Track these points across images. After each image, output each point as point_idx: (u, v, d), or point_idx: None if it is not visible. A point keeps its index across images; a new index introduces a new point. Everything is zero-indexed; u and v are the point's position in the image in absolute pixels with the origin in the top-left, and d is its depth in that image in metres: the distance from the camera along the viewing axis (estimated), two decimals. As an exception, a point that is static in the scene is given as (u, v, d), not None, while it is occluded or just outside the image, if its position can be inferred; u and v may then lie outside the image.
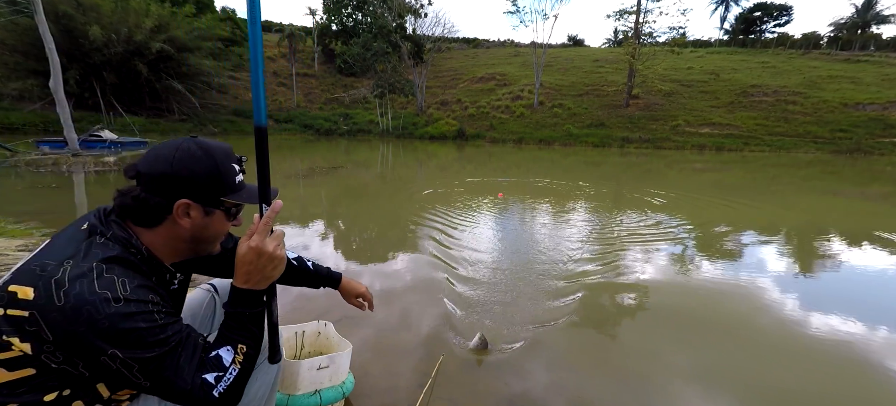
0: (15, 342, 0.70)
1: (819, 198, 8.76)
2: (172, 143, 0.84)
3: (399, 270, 3.46)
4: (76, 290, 0.70)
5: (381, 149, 19.08)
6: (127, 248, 0.80)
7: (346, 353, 1.60)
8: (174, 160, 0.82)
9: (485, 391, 1.86)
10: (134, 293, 0.74)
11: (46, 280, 0.71)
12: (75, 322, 0.69)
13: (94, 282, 0.72)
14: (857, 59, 32.80)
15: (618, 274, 3.48)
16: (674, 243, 4.56)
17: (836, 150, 21.57)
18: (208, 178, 0.84)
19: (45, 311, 0.69)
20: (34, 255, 0.78)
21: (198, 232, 0.88)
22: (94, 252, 0.76)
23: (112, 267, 0.75)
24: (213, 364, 0.79)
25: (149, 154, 0.84)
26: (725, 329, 2.61)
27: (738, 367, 2.17)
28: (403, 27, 33.37)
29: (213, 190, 0.85)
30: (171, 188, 0.82)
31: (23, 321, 0.69)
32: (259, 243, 0.83)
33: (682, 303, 3.02)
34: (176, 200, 0.82)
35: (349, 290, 1.46)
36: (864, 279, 3.69)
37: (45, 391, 0.74)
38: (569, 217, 5.87)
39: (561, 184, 9.28)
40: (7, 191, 6.71)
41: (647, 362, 2.17)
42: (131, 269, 0.79)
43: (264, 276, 0.85)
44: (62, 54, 11.88)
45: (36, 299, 0.70)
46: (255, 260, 0.83)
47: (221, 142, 0.90)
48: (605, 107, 28.19)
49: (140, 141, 15.14)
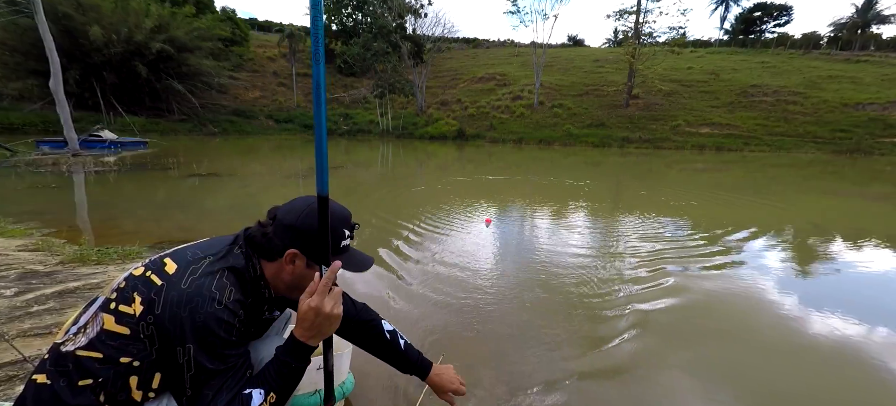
0: (137, 299, 0.84)
1: (864, 202, 8.75)
2: (307, 199, 0.96)
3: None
4: (200, 281, 0.85)
5: (381, 149, 19.08)
6: (248, 264, 0.95)
7: (346, 353, 1.60)
8: (301, 215, 0.94)
9: (486, 391, 1.86)
10: (233, 304, 0.87)
11: (187, 264, 0.88)
12: (183, 305, 0.82)
13: (214, 280, 0.87)
14: (857, 59, 32.79)
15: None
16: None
17: (837, 150, 21.56)
18: (314, 234, 0.92)
19: (172, 286, 0.84)
20: (198, 243, 0.98)
21: (296, 280, 0.97)
22: (228, 258, 0.92)
23: (231, 275, 0.90)
24: (244, 401, 0.85)
25: (290, 203, 0.98)
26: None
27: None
28: (403, 27, 33.33)
29: (322, 249, 0.92)
30: (291, 237, 0.94)
31: (153, 287, 0.84)
32: (318, 303, 0.89)
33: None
34: (289, 248, 0.94)
35: (440, 384, 1.34)
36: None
37: (124, 354, 0.83)
38: (570, 221, 5.86)
39: (566, 184, 9.28)
40: (7, 191, 6.71)
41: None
42: (241, 282, 0.92)
43: (320, 332, 0.92)
44: (62, 54, 11.89)
45: (173, 274, 0.86)
46: (314, 318, 0.89)
47: (344, 208, 1.02)
48: (605, 107, 28.18)
49: (140, 141, 15.14)
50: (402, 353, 1.33)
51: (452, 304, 2.76)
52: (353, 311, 1.31)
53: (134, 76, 21.08)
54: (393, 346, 1.32)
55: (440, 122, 27.83)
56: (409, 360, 1.34)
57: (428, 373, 1.35)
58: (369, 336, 1.32)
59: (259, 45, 36.68)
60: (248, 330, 0.97)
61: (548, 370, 2.04)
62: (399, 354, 1.33)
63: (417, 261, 3.66)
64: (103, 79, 20.64)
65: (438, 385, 1.34)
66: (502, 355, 2.16)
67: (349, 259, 0.99)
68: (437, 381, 1.34)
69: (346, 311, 1.29)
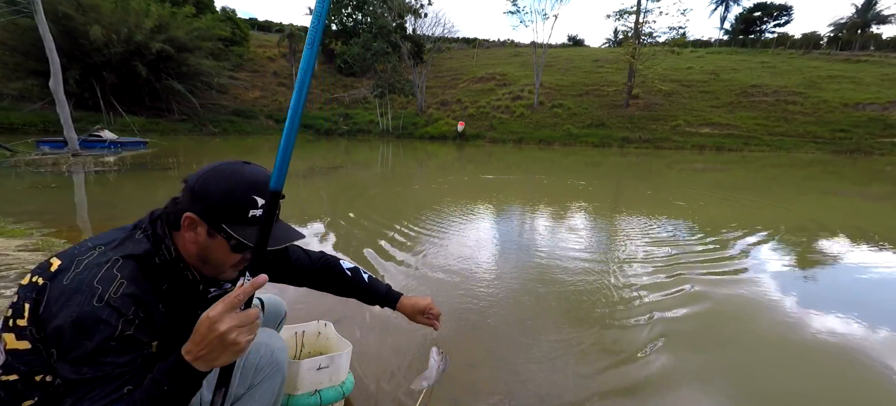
0: (26, 308, 0.75)
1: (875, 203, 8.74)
2: (223, 162, 0.86)
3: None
4: (82, 275, 0.74)
5: (381, 149, 19.08)
6: (158, 247, 0.84)
7: (346, 353, 1.60)
8: (203, 175, 0.84)
9: (485, 391, 1.86)
10: (120, 300, 0.74)
11: (73, 257, 0.77)
12: (59, 303, 0.72)
13: (100, 272, 0.75)
14: (857, 59, 32.78)
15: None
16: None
17: (837, 150, 21.56)
18: (220, 201, 0.82)
19: (54, 285, 0.74)
20: (97, 235, 0.86)
21: (202, 251, 0.86)
22: (125, 245, 0.81)
23: (128, 264, 0.78)
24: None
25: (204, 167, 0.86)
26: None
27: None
28: (403, 27, 33.34)
29: (218, 214, 0.82)
30: (189, 200, 0.84)
31: (36, 289, 0.75)
32: (216, 316, 0.68)
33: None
34: (186, 212, 0.83)
35: (411, 307, 1.35)
36: None
37: (36, 372, 0.74)
38: (574, 222, 5.86)
39: (571, 184, 9.27)
40: (7, 191, 6.70)
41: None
42: (145, 271, 0.81)
43: (210, 356, 0.69)
44: (62, 54, 11.90)
45: (56, 272, 0.76)
46: (205, 333, 0.68)
47: (264, 172, 0.85)
48: (605, 107, 28.18)
49: (140, 141, 15.15)
50: (367, 286, 1.32)
51: (455, 306, 2.76)
52: (307, 261, 1.27)
53: (134, 76, 21.08)
54: (356, 282, 1.31)
55: (440, 122, 27.84)
56: (376, 293, 1.33)
57: (396, 302, 1.34)
58: (330, 279, 1.30)
59: (259, 45, 36.67)
60: (173, 322, 0.85)
61: (565, 386, 2.04)
62: (364, 289, 1.31)
63: (410, 262, 3.65)
64: (103, 79, 20.65)
65: (411, 308, 1.35)
66: (503, 359, 2.16)
67: (254, 235, 0.75)
68: (408, 304, 1.34)
69: (301, 262, 1.25)
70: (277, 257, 1.23)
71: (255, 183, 0.84)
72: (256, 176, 0.85)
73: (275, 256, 1.22)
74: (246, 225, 0.83)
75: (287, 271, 1.25)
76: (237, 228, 0.82)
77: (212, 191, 0.82)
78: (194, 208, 0.82)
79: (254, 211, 0.83)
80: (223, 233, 0.83)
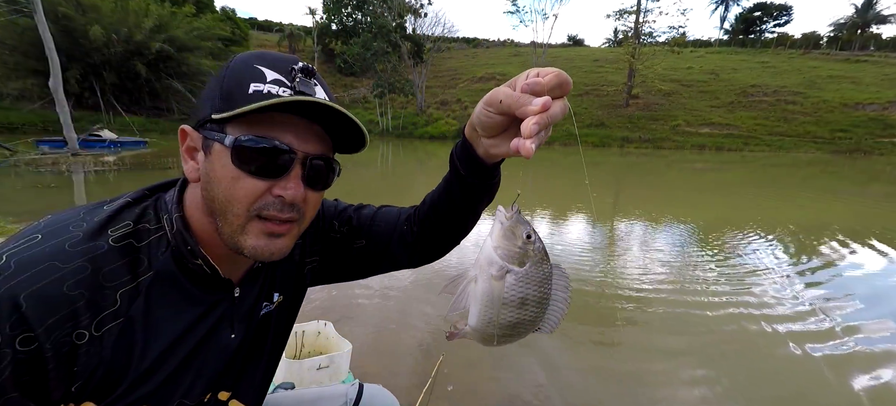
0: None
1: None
2: None
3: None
4: (8, 248, 0.45)
5: (381, 148, 19.08)
6: (139, 220, 0.53)
7: (346, 353, 1.61)
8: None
9: (485, 391, 1.86)
10: (12, 325, 0.41)
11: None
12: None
13: (35, 249, 0.45)
14: (857, 59, 32.81)
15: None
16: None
17: (836, 150, 21.57)
18: (213, 86, 0.53)
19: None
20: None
21: (206, 188, 0.53)
22: (95, 218, 0.50)
23: (42, 243, 0.46)
24: None
25: None
26: None
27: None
28: (403, 27, 33.33)
29: (209, 104, 0.52)
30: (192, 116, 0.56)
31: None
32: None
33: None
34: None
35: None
36: None
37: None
38: (564, 220, 5.85)
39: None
40: (7, 191, 6.70)
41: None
42: (90, 259, 0.47)
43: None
44: (62, 54, 11.90)
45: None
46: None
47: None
48: (605, 106, 28.19)
49: (140, 140, 15.15)
50: (452, 174, 0.66)
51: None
52: (395, 213, 0.80)
53: (134, 76, 21.10)
54: (447, 182, 0.68)
55: (440, 121, 27.85)
56: (461, 162, 0.64)
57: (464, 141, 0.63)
58: (435, 213, 0.72)
59: (259, 44, 36.67)
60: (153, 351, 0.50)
61: (566, 386, 2.04)
62: (454, 177, 0.66)
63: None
64: (103, 78, 20.65)
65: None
66: (503, 359, 2.16)
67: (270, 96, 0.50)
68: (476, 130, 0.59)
69: (389, 217, 0.79)
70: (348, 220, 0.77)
71: (263, 55, 0.54)
72: (278, 55, 0.56)
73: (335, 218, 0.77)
74: (241, 102, 0.49)
75: (371, 235, 0.76)
76: (229, 110, 0.49)
77: (211, 82, 0.55)
78: (189, 120, 0.57)
79: (257, 85, 0.51)
80: (217, 130, 0.51)
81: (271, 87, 0.51)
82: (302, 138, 0.53)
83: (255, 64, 0.52)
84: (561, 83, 0.45)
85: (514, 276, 0.51)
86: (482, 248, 0.54)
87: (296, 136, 0.53)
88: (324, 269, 0.78)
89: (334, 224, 0.77)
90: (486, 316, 0.53)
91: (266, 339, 0.67)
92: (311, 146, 0.54)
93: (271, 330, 0.68)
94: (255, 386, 0.68)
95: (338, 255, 0.77)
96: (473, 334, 0.57)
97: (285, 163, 0.52)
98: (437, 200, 0.70)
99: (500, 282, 0.51)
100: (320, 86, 0.56)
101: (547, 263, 0.53)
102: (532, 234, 0.52)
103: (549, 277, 0.54)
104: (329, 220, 0.76)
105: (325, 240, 0.76)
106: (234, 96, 0.50)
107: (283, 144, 0.51)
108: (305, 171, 0.54)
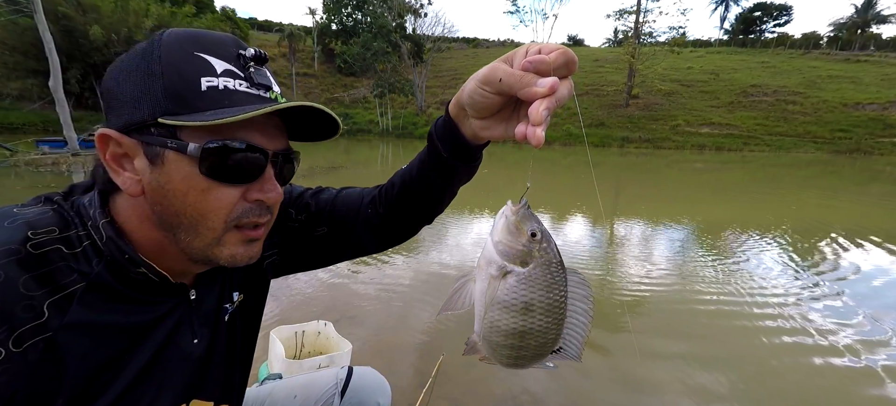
0: None
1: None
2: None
3: (403, 272, 3.45)
4: None
5: (381, 148, 19.08)
6: (66, 226, 0.46)
7: (345, 353, 1.60)
8: (111, 68, 0.48)
9: (485, 391, 1.85)
10: None
11: None
12: None
13: None
14: (857, 59, 32.84)
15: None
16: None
17: (836, 150, 21.58)
18: (143, 79, 0.44)
19: None
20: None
21: (161, 202, 0.46)
22: (10, 221, 0.44)
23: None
24: None
25: None
26: None
27: None
28: (403, 27, 33.37)
29: (149, 104, 0.44)
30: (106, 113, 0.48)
31: None
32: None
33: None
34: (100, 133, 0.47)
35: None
36: None
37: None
38: (563, 220, 5.85)
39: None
40: (7, 191, 6.70)
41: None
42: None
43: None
44: (62, 54, 11.92)
45: None
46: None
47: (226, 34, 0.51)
48: (605, 106, 28.20)
49: (140, 141, 15.16)
50: (428, 150, 0.66)
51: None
52: (357, 196, 0.79)
53: (134, 76, 21.18)
54: (419, 160, 0.67)
55: (440, 121, 27.87)
56: (437, 139, 0.65)
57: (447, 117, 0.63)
58: (402, 194, 0.70)
59: (259, 44, 36.25)
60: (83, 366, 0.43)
61: (565, 386, 2.04)
62: (428, 153, 0.66)
63: (410, 261, 3.65)
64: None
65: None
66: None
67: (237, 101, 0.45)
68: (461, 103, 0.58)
69: (350, 200, 0.77)
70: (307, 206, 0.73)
71: (198, 39, 0.47)
72: (216, 35, 0.49)
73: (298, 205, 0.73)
74: (197, 103, 0.44)
75: (332, 221, 0.73)
76: (188, 116, 0.43)
77: (129, 76, 0.45)
78: (109, 122, 0.48)
79: (209, 80, 0.45)
80: (161, 134, 0.44)
81: (226, 81, 0.45)
82: (268, 135, 0.49)
83: (195, 52, 0.45)
84: (568, 62, 0.42)
85: (516, 277, 0.47)
86: (484, 245, 0.50)
87: (262, 133, 0.48)
88: (284, 261, 0.74)
89: (290, 212, 0.72)
90: (486, 320, 0.49)
91: (235, 341, 0.64)
92: (277, 142, 0.51)
93: (238, 331, 0.64)
94: (234, 389, 0.65)
95: (298, 245, 0.73)
96: (484, 347, 0.52)
97: (260, 164, 0.48)
98: (410, 181, 0.67)
99: (500, 282, 0.47)
100: (269, 72, 0.52)
101: (557, 267, 0.48)
102: (538, 232, 0.47)
103: (561, 284, 0.48)
104: (284, 208, 0.71)
105: (282, 230, 0.71)
106: (185, 96, 0.43)
107: (256, 145, 0.47)
108: (276, 169, 0.51)
